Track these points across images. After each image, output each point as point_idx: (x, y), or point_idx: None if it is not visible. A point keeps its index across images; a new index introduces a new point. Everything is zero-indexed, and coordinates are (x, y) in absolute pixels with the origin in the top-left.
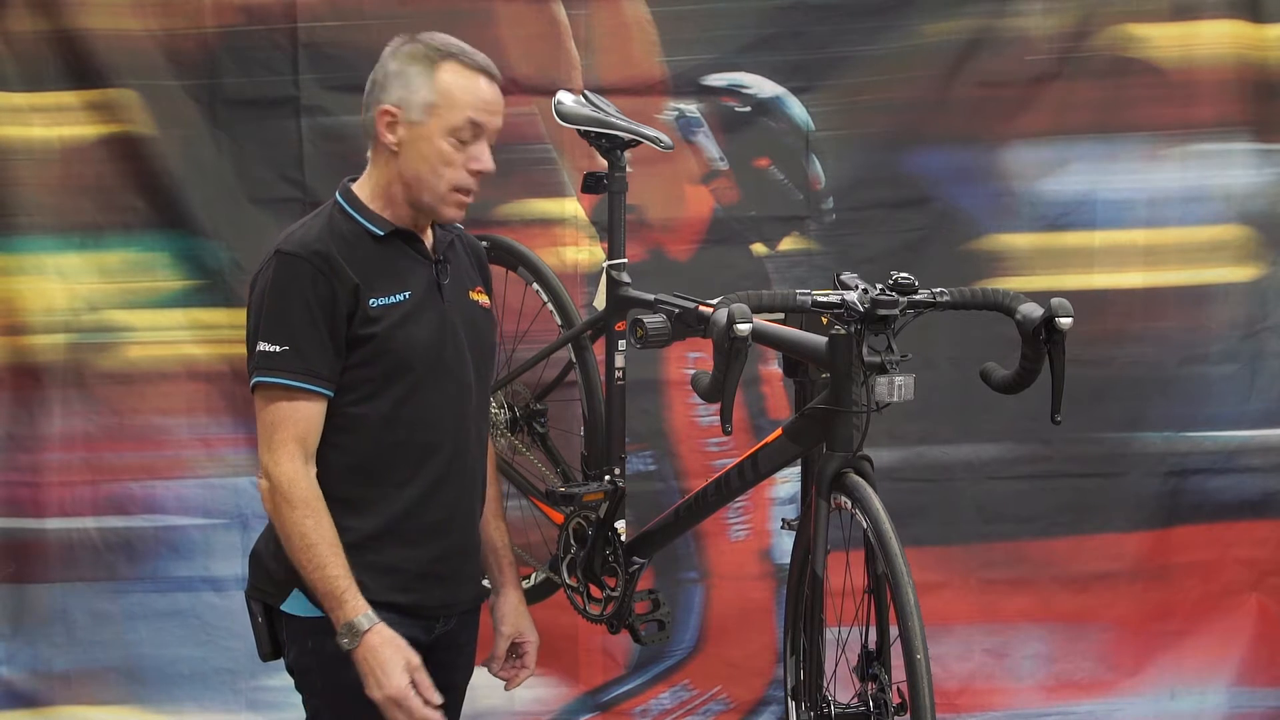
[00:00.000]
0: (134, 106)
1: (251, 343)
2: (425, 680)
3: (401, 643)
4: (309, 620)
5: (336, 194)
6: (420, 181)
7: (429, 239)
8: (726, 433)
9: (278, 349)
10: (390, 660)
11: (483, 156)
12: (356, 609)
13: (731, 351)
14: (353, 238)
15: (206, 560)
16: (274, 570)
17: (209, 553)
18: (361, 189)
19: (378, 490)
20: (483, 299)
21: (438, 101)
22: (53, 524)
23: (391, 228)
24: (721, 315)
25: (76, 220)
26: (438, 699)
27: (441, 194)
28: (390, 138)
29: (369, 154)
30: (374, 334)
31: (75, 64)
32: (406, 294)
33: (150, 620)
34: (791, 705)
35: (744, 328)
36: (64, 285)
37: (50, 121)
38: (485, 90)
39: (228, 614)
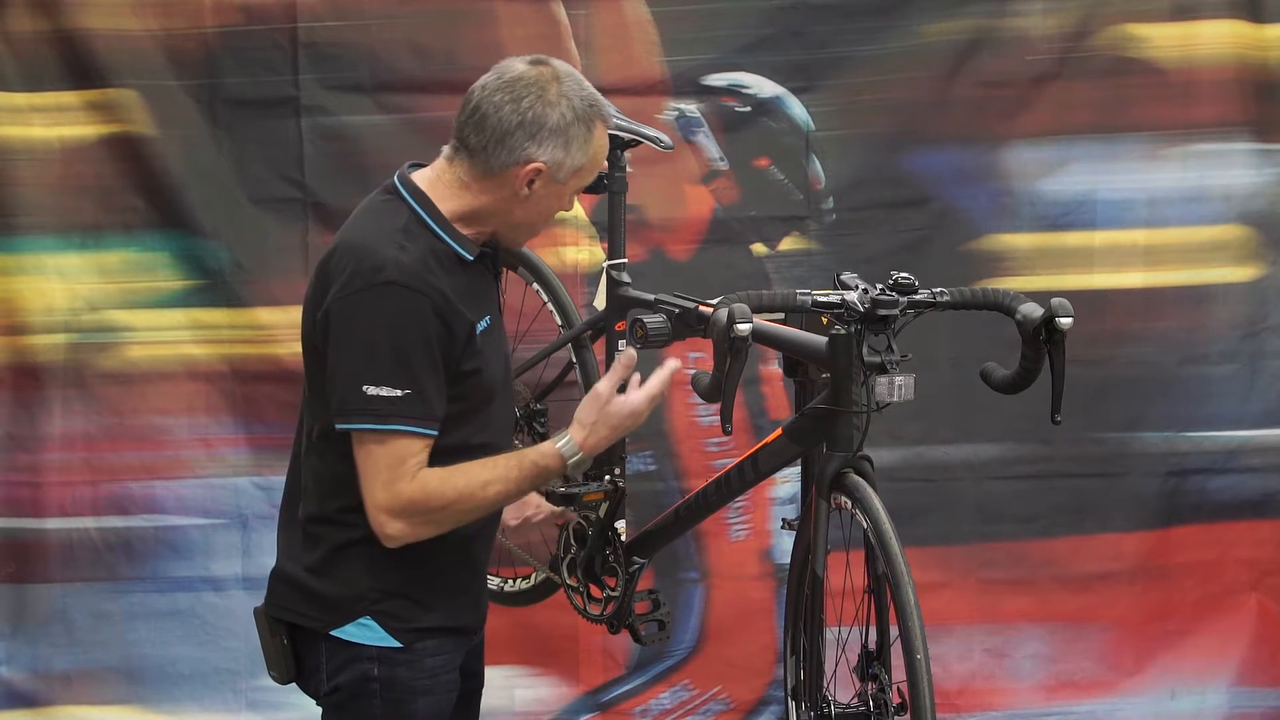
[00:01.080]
0: (134, 106)
1: (353, 380)
2: (615, 378)
3: (583, 414)
4: (377, 649)
5: (409, 198)
6: (531, 227)
7: None
8: (727, 433)
9: (400, 394)
10: (609, 417)
11: (572, 200)
12: (552, 454)
13: (732, 351)
14: (448, 262)
15: (206, 560)
16: (331, 593)
17: (209, 553)
18: (444, 202)
19: None
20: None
21: (586, 166)
22: (53, 524)
23: (479, 251)
24: (721, 315)
25: (76, 220)
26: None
27: (536, 234)
28: (525, 191)
29: (461, 175)
30: (478, 368)
31: (75, 64)
32: (489, 318)
33: (150, 620)
34: (792, 705)
35: (744, 328)
36: (64, 285)
37: (50, 121)
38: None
39: (228, 614)
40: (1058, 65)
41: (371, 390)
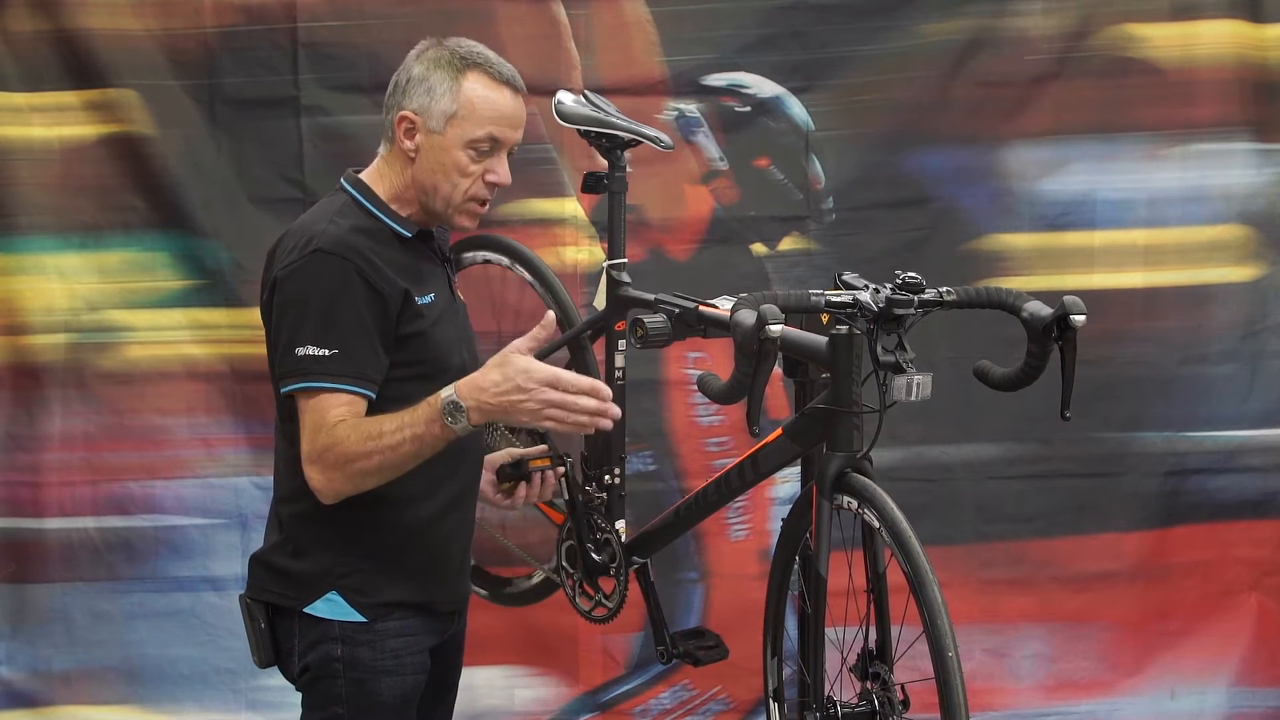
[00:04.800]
0: (134, 106)
1: (288, 345)
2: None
3: (496, 360)
4: (340, 624)
5: (348, 187)
6: (436, 190)
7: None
8: (754, 434)
9: (326, 353)
10: (508, 373)
11: (499, 170)
12: (435, 405)
13: (761, 353)
14: (381, 237)
15: (206, 560)
16: (300, 571)
17: (209, 553)
18: (377, 185)
19: (416, 492)
20: (461, 295)
21: (459, 112)
22: (53, 524)
23: (417, 229)
24: (749, 316)
25: (76, 220)
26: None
27: (457, 204)
28: (408, 144)
29: (381, 152)
30: (421, 331)
31: (75, 64)
32: (433, 295)
33: (150, 620)
34: (774, 707)
35: (776, 329)
36: (64, 285)
37: (50, 121)
38: (508, 104)
39: (228, 614)
40: (1058, 65)
41: (301, 351)
